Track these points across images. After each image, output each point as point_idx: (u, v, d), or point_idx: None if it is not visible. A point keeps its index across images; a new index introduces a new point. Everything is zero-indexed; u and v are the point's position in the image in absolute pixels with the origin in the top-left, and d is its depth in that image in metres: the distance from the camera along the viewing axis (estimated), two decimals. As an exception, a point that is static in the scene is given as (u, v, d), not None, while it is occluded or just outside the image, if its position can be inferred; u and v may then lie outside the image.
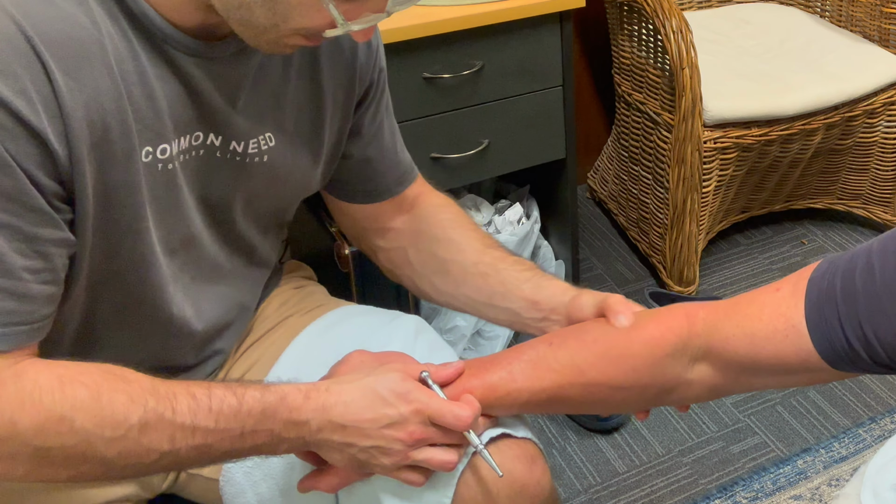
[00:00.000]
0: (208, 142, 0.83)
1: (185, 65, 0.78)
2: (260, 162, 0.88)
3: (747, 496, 1.55)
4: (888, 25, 2.01)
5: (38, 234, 0.70)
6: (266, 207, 0.94)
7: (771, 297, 0.77)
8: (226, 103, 0.83)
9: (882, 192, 2.13)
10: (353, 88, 0.94)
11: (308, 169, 0.94)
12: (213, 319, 0.94)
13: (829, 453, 1.63)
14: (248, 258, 0.96)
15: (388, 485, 0.85)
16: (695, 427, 1.71)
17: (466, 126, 1.64)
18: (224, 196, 0.88)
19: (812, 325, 0.73)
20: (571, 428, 1.73)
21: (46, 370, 0.70)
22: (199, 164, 0.83)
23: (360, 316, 1.04)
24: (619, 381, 0.83)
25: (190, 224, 0.85)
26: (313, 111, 0.92)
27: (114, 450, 0.70)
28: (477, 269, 0.99)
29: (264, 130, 0.87)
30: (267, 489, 0.94)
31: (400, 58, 1.52)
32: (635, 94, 2.02)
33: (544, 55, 1.65)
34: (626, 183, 2.16)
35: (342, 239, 1.63)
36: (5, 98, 0.65)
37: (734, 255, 2.17)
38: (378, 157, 1.02)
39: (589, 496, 1.58)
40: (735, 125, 1.84)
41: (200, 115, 0.81)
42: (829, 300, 0.72)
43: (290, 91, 0.89)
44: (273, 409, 0.76)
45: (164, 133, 0.78)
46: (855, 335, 0.70)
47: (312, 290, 1.12)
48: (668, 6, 1.78)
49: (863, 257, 0.72)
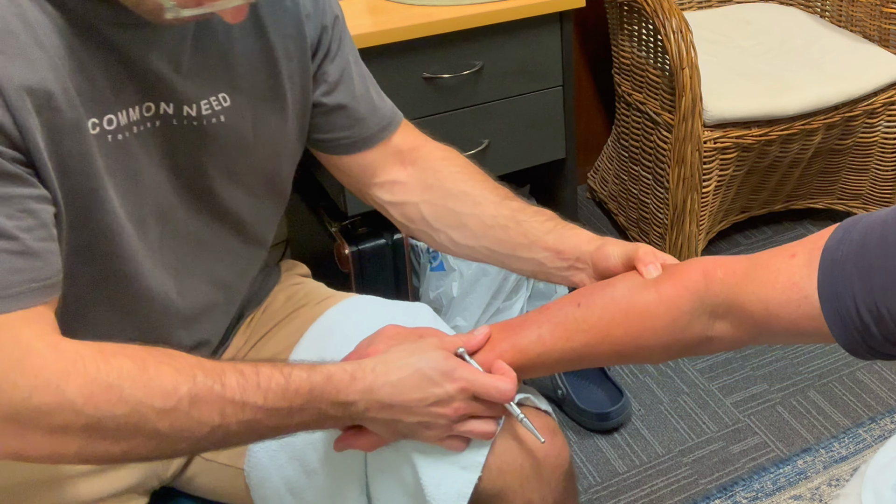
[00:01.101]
0: (161, 111, 0.83)
1: (112, 34, 0.78)
2: (218, 123, 0.88)
3: (747, 496, 1.55)
4: (888, 25, 2.01)
5: (15, 193, 0.70)
6: (247, 171, 0.93)
7: (786, 264, 0.78)
8: (169, 69, 0.83)
9: (882, 192, 2.13)
10: (303, 38, 0.94)
11: (277, 126, 0.94)
12: (197, 297, 0.93)
13: (829, 453, 1.63)
14: (237, 233, 0.96)
15: (419, 444, 0.87)
16: (695, 427, 1.71)
17: (466, 126, 1.64)
18: (195, 164, 0.88)
19: (824, 299, 0.74)
20: (571, 428, 1.73)
21: (85, 344, 0.70)
22: (159, 135, 0.84)
23: (374, 304, 1.05)
24: (644, 340, 0.85)
25: (159, 195, 0.85)
26: (267, 67, 0.92)
27: (165, 421, 0.70)
28: (496, 221, 1.00)
29: (216, 91, 0.87)
30: (293, 471, 0.94)
31: (400, 58, 1.52)
32: (635, 94, 2.02)
33: (544, 55, 1.65)
34: (626, 183, 2.16)
35: (342, 239, 1.63)
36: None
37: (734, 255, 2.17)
38: (352, 104, 1.00)
39: (589, 496, 1.58)
40: (735, 125, 1.84)
41: (143, 84, 0.81)
42: (843, 273, 0.73)
43: (238, 49, 0.89)
44: (320, 389, 0.77)
45: (106, 104, 0.78)
46: (867, 309, 0.71)
47: (314, 285, 1.13)
48: (668, 6, 1.78)
49: (877, 230, 0.72)
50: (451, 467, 0.86)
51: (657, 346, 0.85)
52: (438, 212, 1.03)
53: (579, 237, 0.96)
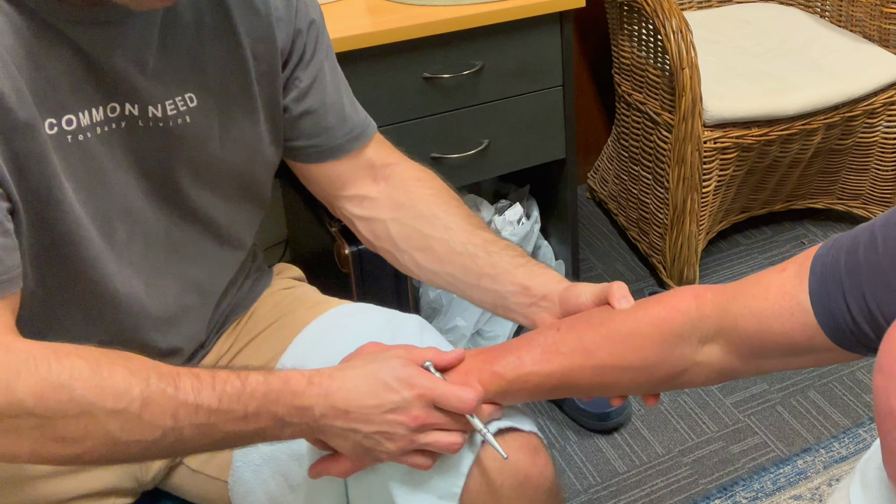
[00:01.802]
0: (126, 112, 0.82)
1: (71, 33, 0.77)
2: (184, 123, 0.87)
3: (747, 496, 1.55)
4: (888, 25, 2.01)
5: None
6: (217, 173, 0.92)
7: (777, 277, 0.78)
8: (134, 69, 0.82)
9: (882, 192, 2.13)
10: (272, 42, 0.93)
11: (249, 128, 0.93)
12: (169, 299, 0.93)
13: (829, 453, 1.63)
14: (211, 235, 0.95)
15: (398, 473, 0.85)
16: (695, 427, 1.71)
17: (466, 126, 1.64)
18: (163, 166, 0.87)
19: (815, 299, 0.74)
20: (571, 428, 1.73)
21: (38, 344, 0.69)
22: (124, 136, 0.83)
23: (362, 313, 1.04)
24: (628, 362, 0.84)
25: (125, 198, 0.84)
26: (237, 68, 0.91)
27: (116, 423, 0.69)
28: (466, 248, 0.98)
29: (183, 91, 0.86)
30: (276, 486, 0.94)
31: (400, 58, 1.52)
32: (635, 94, 2.02)
33: (544, 55, 1.65)
34: (626, 183, 2.16)
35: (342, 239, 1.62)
36: None
37: (734, 255, 2.17)
38: (321, 111, 0.99)
39: (589, 496, 1.58)
40: (735, 125, 1.84)
41: (107, 84, 0.80)
42: (833, 274, 0.73)
43: (208, 50, 0.88)
44: (276, 392, 0.76)
45: (65, 104, 0.77)
46: (858, 308, 0.71)
47: (305, 290, 1.11)
48: (668, 6, 1.79)
49: (866, 232, 0.72)
50: (428, 496, 0.84)
51: (642, 367, 0.84)
52: (406, 231, 1.02)
53: (549, 276, 0.96)
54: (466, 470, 0.84)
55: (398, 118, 1.57)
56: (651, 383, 0.86)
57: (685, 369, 0.84)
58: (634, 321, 0.84)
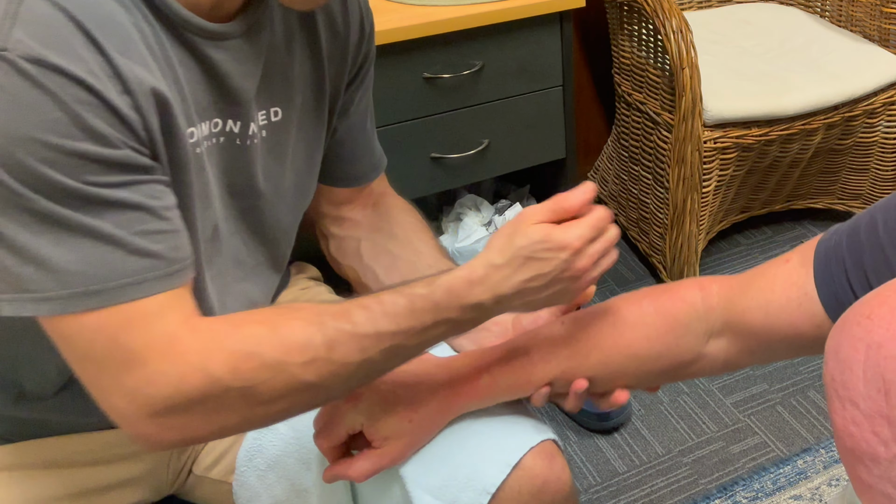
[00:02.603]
0: (227, 128, 0.83)
1: (203, 48, 0.78)
2: (266, 137, 0.88)
3: (747, 496, 1.55)
4: (888, 25, 2.01)
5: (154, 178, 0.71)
6: (285, 190, 0.93)
7: (782, 269, 0.78)
8: (247, 85, 0.83)
9: (882, 192, 2.13)
10: (344, 64, 0.95)
11: (313, 145, 0.95)
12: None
13: (829, 453, 1.62)
14: (269, 254, 0.96)
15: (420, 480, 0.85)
16: (695, 427, 1.71)
17: (466, 126, 1.64)
18: (244, 181, 0.88)
19: (820, 282, 0.74)
20: (571, 428, 1.73)
21: (217, 319, 0.72)
22: (219, 151, 0.84)
23: None
24: (634, 351, 0.84)
25: (215, 213, 0.85)
26: (316, 86, 0.93)
27: (311, 373, 0.71)
28: (430, 271, 1.00)
29: (270, 106, 0.88)
30: (282, 490, 0.94)
31: (400, 58, 1.52)
32: (635, 94, 2.02)
33: (544, 55, 1.65)
34: (626, 183, 2.16)
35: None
36: (80, 77, 0.65)
37: (734, 255, 2.17)
38: (360, 140, 1.02)
39: (589, 496, 1.58)
40: (735, 125, 1.84)
41: (219, 99, 0.81)
42: (836, 255, 0.73)
43: (296, 66, 0.89)
44: (445, 302, 0.76)
45: (191, 117, 0.79)
46: (861, 287, 0.71)
47: (319, 290, 1.12)
48: (668, 6, 1.79)
49: (866, 216, 0.73)
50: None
51: (648, 357, 0.84)
52: (375, 250, 1.04)
53: None
54: (494, 489, 0.83)
55: (398, 118, 1.57)
56: (656, 373, 0.86)
57: (692, 360, 0.84)
58: (640, 311, 0.84)
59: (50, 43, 0.64)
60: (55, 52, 0.64)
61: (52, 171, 0.64)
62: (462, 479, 0.83)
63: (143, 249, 0.68)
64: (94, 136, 0.66)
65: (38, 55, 0.63)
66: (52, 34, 0.65)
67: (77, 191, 0.65)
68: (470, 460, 0.84)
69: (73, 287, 0.66)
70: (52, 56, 0.64)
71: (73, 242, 0.66)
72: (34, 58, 0.63)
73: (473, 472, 0.84)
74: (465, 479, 0.83)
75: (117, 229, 0.67)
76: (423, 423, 0.84)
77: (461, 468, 0.84)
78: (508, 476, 0.84)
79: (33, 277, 0.66)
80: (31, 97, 0.63)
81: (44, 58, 0.64)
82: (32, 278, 0.66)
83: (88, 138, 0.65)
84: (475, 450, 0.85)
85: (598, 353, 0.85)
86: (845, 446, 0.54)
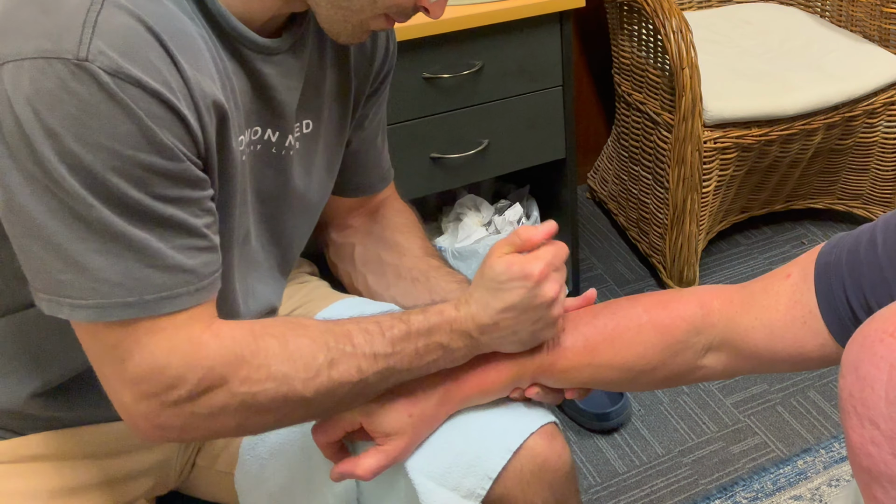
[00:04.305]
0: (265, 137, 0.86)
1: (254, 62, 0.80)
2: (297, 146, 0.91)
3: (747, 496, 1.55)
4: (888, 25, 2.01)
5: (202, 195, 0.73)
6: (307, 198, 0.96)
7: (784, 286, 0.78)
8: (289, 99, 0.86)
9: (882, 192, 2.13)
10: (367, 80, 0.98)
11: (333, 155, 0.98)
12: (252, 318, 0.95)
13: (829, 453, 1.62)
14: (281, 259, 0.98)
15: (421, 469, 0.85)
16: (695, 427, 1.71)
17: (466, 126, 1.64)
18: (274, 188, 0.90)
19: (821, 298, 0.74)
20: (571, 428, 1.73)
21: (238, 327, 0.74)
22: (256, 159, 0.86)
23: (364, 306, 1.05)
24: (629, 364, 0.85)
25: (248, 218, 0.88)
26: (343, 99, 0.95)
27: (311, 389, 0.75)
28: (410, 274, 1.04)
29: (302, 118, 0.90)
30: (283, 480, 0.94)
31: (400, 58, 1.51)
32: (635, 94, 2.02)
33: (544, 55, 1.65)
34: (626, 183, 2.16)
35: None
36: (156, 89, 0.67)
37: (734, 255, 2.17)
38: (371, 153, 1.05)
39: (589, 496, 1.58)
40: (735, 125, 1.84)
41: (264, 110, 0.84)
42: (836, 271, 0.74)
43: (327, 81, 0.92)
44: (437, 325, 0.81)
45: (241, 125, 0.81)
46: (859, 303, 0.71)
47: (317, 284, 1.13)
48: (668, 6, 1.78)
49: (867, 233, 0.73)
50: (452, 494, 0.85)
51: (643, 369, 0.85)
52: (367, 256, 1.08)
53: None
54: (495, 474, 0.85)
55: (398, 118, 1.57)
56: (651, 383, 0.87)
57: (687, 373, 0.84)
58: (638, 325, 0.85)
59: (129, 54, 0.65)
60: (134, 64, 0.65)
61: (117, 179, 0.66)
62: (464, 465, 0.85)
63: (179, 265, 0.70)
64: (161, 150, 0.67)
65: (118, 67, 0.65)
66: (132, 45, 0.66)
67: (136, 201, 0.67)
68: (472, 447, 0.86)
69: (110, 297, 0.68)
70: (130, 68, 0.65)
71: (118, 253, 0.67)
72: (114, 70, 0.64)
73: (476, 458, 0.85)
74: (467, 465, 0.85)
75: (160, 243, 0.69)
76: (424, 417, 0.84)
77: (463, 454, 0.85)
78: (510, 459, 0.86)
79: (73, 283, 0.67)
80: (106, 108, 0.65)
81: (123, 70, 0.65)
82: (72, 284, 0.67)
83: (156, 151, 0.67)
84: (477, 436, 0.87)
85: (594, 361, 0.86)
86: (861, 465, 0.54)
